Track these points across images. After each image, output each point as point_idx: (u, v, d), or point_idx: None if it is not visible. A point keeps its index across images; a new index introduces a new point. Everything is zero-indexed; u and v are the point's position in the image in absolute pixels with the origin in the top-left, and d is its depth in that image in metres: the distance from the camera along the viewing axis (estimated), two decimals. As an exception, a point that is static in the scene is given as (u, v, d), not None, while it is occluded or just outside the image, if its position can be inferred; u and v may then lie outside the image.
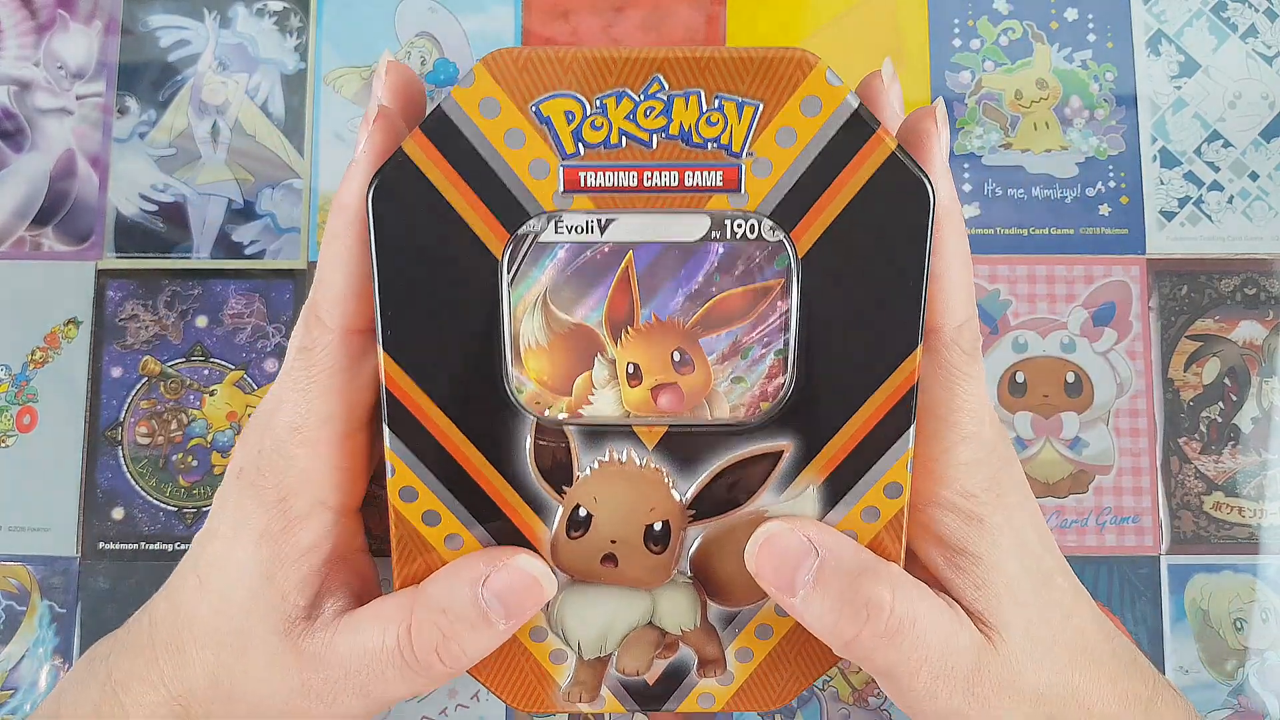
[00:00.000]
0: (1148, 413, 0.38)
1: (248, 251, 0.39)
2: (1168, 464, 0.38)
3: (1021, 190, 0.39)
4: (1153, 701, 0.29)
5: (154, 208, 0.39)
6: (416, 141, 0.25)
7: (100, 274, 0.39)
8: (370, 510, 0.38)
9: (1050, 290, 0.39)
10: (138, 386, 0.38)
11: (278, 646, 0.28)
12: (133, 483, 0.38)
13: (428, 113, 0.26)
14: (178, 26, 0.40)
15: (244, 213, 0.39)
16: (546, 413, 0.28)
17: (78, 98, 0.40)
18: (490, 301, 0.26)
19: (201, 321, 0.39)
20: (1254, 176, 0.40)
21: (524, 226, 0.26)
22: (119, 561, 0.38)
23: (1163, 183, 0.40)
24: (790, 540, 0.27)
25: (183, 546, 0.38)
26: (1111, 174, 0.39)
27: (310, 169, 0.39)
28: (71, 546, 0.38)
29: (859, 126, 0.25)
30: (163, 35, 0.40)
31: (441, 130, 0.25)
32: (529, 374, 0.28)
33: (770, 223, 0.26)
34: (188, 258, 0.39)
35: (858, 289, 0.26)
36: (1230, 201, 0.39)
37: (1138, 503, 0.38)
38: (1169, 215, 0.39)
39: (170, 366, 0.39)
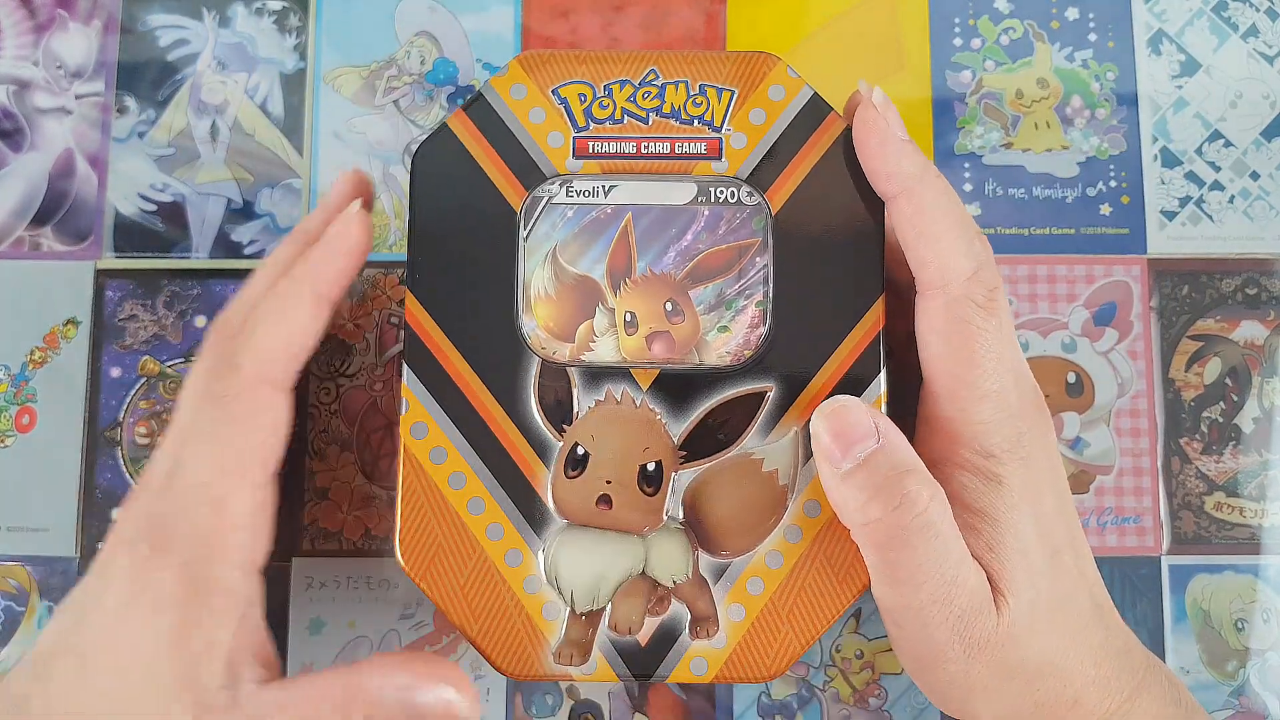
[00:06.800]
0: (1149, 413, 0.38)
1: (247, 251, 0.39)
2: (1169, 464, 0.38)
3: (1022, 190, 0.39)
4: (1136, 694, 0.29)
5: (153, 207, 0.39)
6: (458, 118, 0.30)
7: (99, 274, 0.39)
8: (369, 510, 0.38)
9: (1051, 290, 0.39)
10: (137, 386, 0.38)
11: None
12: (132, 483, 0.38)
13: (469, 98, 0.31)
14: (177, 26, 0.40)
15: (243, 212, 0.39)
16: (553, 356, 0.30)
17: (77, 97, 0.40)
18: (507, 252, 0.30)
19: (201, 321, 0.39)
20: (1255, 176, 0.39)
21: (539, 189, 0.30)
22: (118, 562, 0.38)
23: (1164, 182, 0.39)
24: (860, 416, 0.28)
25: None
26: (1112, 174, 0.39)
27: (309, 168, 0.39)
28: (71, 547, 0.38)
29: (817, 108, 0.31)
30: (162, 35, 0.40)
31: (479, 109, 0.31)
32: (538, 320, 0.30)
33: (749, 188, 0.30)
34: (187, 257, 0.39)
35: (824, 244, 0.30)
36: (1231, 201, 0.39)
37: (1139, 503, 0.38)
38: (1170, 215, 0.39)
39: (170, 366, 0.39)
